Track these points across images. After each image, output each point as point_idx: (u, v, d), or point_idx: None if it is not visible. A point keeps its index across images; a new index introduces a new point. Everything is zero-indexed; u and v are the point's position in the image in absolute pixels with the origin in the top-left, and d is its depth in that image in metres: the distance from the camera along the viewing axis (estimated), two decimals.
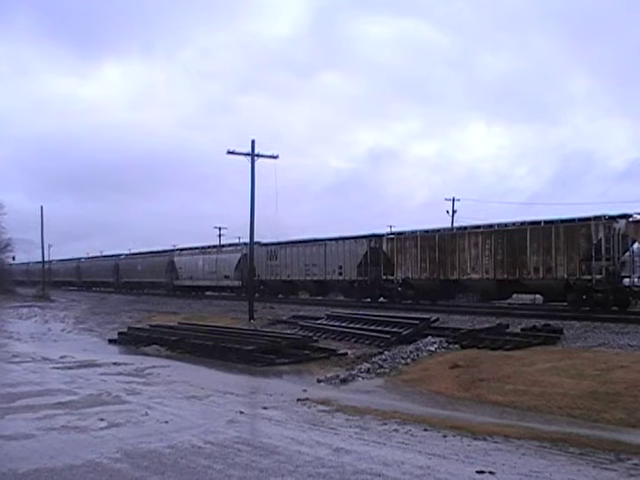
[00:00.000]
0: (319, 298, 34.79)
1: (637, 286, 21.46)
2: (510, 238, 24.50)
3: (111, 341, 23.99)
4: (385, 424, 9.34)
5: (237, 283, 40.44)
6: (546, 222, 23.62)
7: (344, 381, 14.08)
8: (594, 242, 21.71)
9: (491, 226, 26.22)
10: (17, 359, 17.89)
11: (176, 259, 48.91)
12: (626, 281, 21.88)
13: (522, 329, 17.44)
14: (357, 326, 20.23)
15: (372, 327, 19.68)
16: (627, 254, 21.88)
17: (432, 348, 16.09)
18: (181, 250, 51.50)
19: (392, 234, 32.13)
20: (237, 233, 55.67)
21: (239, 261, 40.49)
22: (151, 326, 24.96)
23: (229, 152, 27.00)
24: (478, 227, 27.08)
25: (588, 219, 22.24)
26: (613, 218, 21.65)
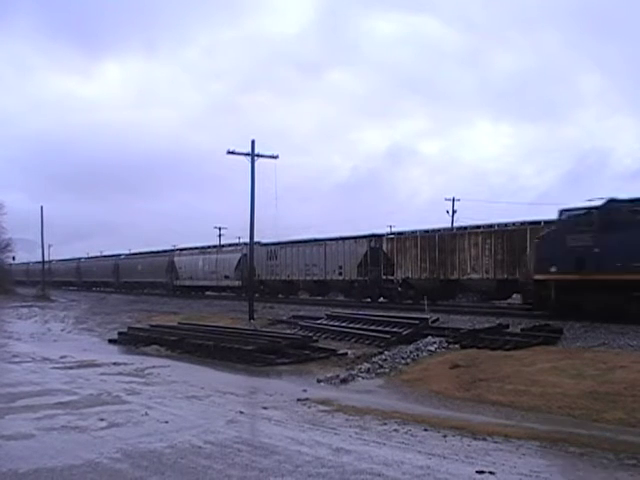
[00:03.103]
0: (319, 298, 34.80)
1: None
2: (510, 238, 24.51)
3: (111, 341, 23.97)
4: (385, 424, 9.34)
5: (237, 283, 40.44)
6: (546, 222, 23.57)
7: (344, 381, 14.07)
8: None
9: (491, 226, 26.27)
10: (17, 359, 17.89)
11: (176, 259, 48.89)
12: None
13: (522, 329, 17.42)
14: (357, 326, 20.23)
15: (372, 327, 19.67)
16: None
17: (432, 348, 16.08)
18: (181, 250, 51.49)
19: (392, 234, 32.14)
20: (237, 233, 55.68)
21: (239, 261, 40.49)
22: (151, 326, 24.96)
23: (229, 152, 27.00)
24: (478, 227, 27.11)
25: None
26: None
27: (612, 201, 18.53)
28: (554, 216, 20.84)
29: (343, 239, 33.75)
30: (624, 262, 17.17)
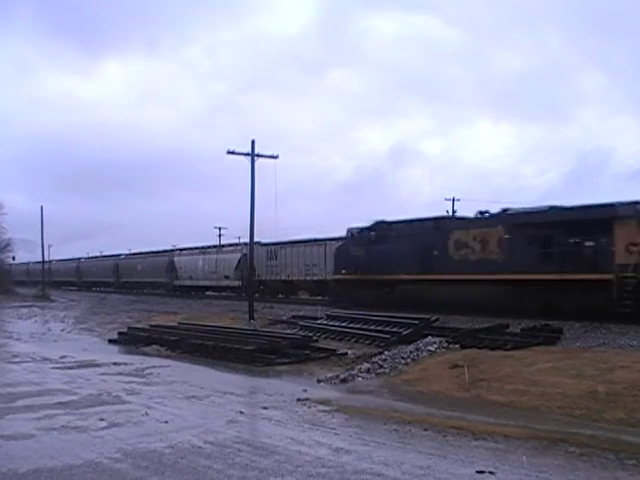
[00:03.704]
0: (319, 298, 34.81)
1: None
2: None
3: (111, 341, 23.97)
4: (385, 424, 9.34)
5: (237, 283, 40.43)
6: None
7: (344, 381, 14.07)
8: None
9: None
10: (17, 359, 17.89)
11: (176, 259, 48.89)
12: None
13: (522, 329, 17.42)
14: (357, 326, 20.23)
15: (372, 327, 19.68)
16: None
17: (432, 348, 16.08)
18: (181, 250, 51.47)
19: None
20: (237, 233, 55.65)
21: (239, 261, 40.49)
22: (151, 326, 24.95)
23: (229, 152, 27.00)
24: None
25: None
26: None
27: (379, 222, 26.33)
28: None
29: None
30: (381, 267, 24.39)
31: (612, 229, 17.53)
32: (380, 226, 26.19)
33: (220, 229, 70.64)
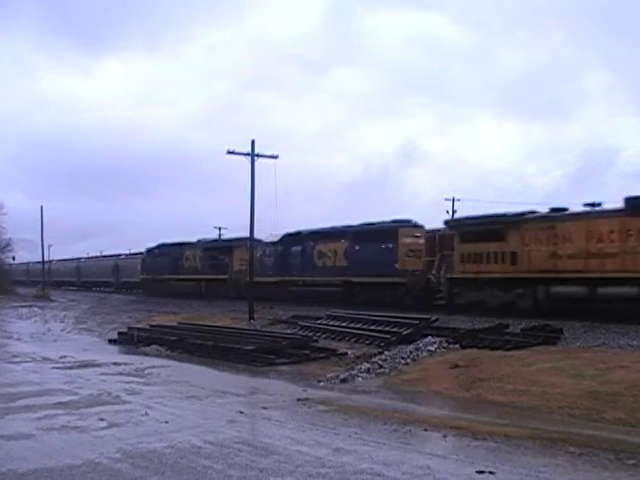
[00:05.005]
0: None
1: None
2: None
3: (111, 341, 23.98)
4: (385, 424, 9.34)
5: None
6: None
7: (344, 381, 14.08)
8: None
9: None
10: (17, 359, 17.88)
11: None
12: None
13: (522, 329, 17.43)
14: (357, 326, 20.23)
15: (372, 327, 19.68)
16: None
17: (432, 348, 16.09)
18: None
19: None
20: (238, 233, 55.53)
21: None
22: (151, 326, 24.95)
23: (229, 152, 26.99)
24: None
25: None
26: None
27: (161, 244, 46.18)
28: None
29: None
30: (159, 271, 44.05)
31: (232, 252, 36.98)
32: (161, 246, 46.04)
33: (220, 229, 70.61)
